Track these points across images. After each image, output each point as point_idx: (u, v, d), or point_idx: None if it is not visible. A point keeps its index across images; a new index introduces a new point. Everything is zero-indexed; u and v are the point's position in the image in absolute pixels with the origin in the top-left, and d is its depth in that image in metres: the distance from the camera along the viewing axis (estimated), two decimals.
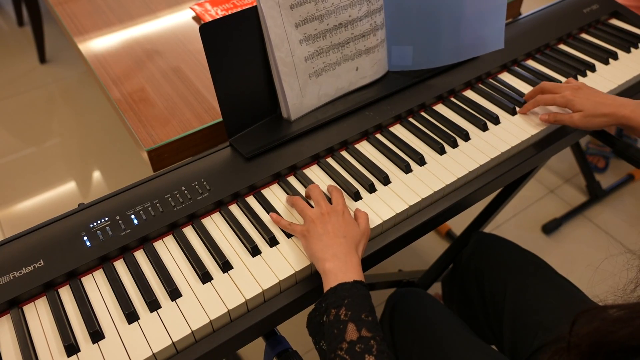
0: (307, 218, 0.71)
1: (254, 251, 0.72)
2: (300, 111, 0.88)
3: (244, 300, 0.66)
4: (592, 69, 1.05)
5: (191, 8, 1.18)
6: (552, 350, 0.51)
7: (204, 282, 0.69)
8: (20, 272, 0.67)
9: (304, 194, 0.79)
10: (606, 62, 1.07)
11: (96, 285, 0.69)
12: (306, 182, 0.81)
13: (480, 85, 1.00)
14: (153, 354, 0.62)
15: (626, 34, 1.14)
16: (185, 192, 0.77)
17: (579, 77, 1.03)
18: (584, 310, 0.48)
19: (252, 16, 0.78)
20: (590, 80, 1.02)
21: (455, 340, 0.85)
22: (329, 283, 0.63)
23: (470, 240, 1.05)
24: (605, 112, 0.82)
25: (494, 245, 1.00)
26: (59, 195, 1.87)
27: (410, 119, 0.92)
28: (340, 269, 0.64)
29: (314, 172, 0.83)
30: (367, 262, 0.76)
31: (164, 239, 0.74)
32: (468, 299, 1.01)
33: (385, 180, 0.81)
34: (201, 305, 0.66)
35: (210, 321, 0.65)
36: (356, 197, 0.78)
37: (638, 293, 0.53)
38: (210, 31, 0.76)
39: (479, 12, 0.95)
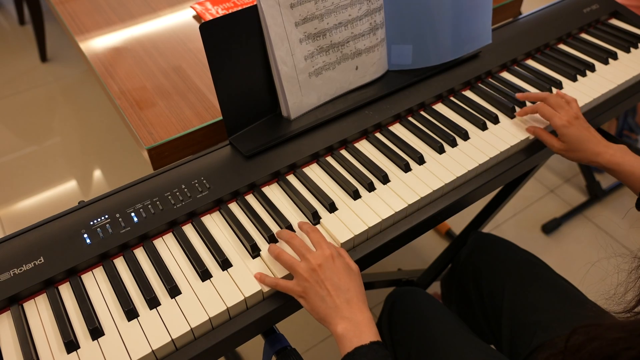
0: (298, 276, 0.66)
1: (254, 249, 0.72)
2: (300, 110, 0.88)
3: (243, 297, 0.67)
4: (592, 68, 1.05)
5: (192, 7, 1.18)
6: (545, 356, 0.51)
7: (203, 280, 0.69)
8: (21, 269, 0.68)
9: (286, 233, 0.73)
10: (606, 62, 1.07)
11: (96, 282, 0.69)
12: (305, 181, 0.81)
13: (480, 84, 1.00)
14: (152, 351, 0.62)
15: (626, 34, 1.14)
16: (185, 190, 0.77)
17: (579, 77, 1.03)
18: (581, 325, 0.48)
19: (252, 15, 0.79)
20: (590, 80, 1.03)
21: (453, 339, 0.85)
22: (344, 348, 0.62)
23: (469, 240, 1.05)
24: (586, 154, 0.83)
25: (492, 245, 1.00)
26: (59, 193, 1.88)
27: (410, 118, 0.93)
28: (355, 332, 0.62)
29: (314, 171, 0.83)
30: (366, 261, 0.76)
31: (163, 236, 0.74)
32: (466, 298, 1.01)
33: (385, 179, 0.81)
34: (200, 302, 0.66)
35: (210, 318, 0.65)
36: (355, 195, 0.79)
37: (629, 297, 0.53)
38: (210, 30, 0.76)
39: (471, 8, 0.95)
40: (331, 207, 0.77)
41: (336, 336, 0.63)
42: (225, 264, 0.70)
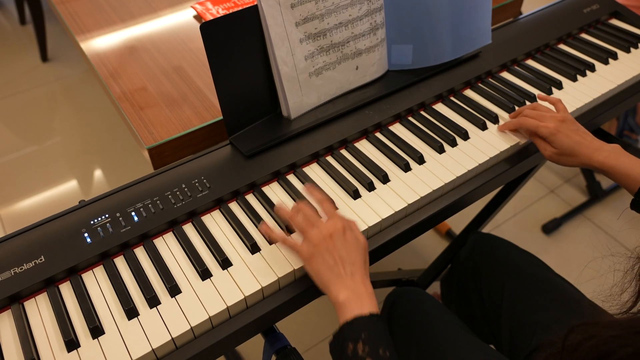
0: (308, 240, 0.67)
1: (254, 248, 0.72)
2: (300, 110, 0.88)
3: (243, 297, 0.67)
4: (592, 68, 1.05)
5: (192, 7, 1.19)
6: (544, 356, 0.51)
7: (203, 279, 0.69)
8: (21, 268, 0.68)
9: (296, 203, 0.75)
10: (606, 62, 1.07)
11: (96, 281, 0.69)
12: (306, 180, 0.81)
13: (480, 84, 1.00)
14: (152, 349, 0.62)
15: (626, 34, 1.15)
16: (186, 189, 0.77)
17: (579, 77, 1.03)
18: (578, 323, 0.48)
19: (252, 15, 0.79)
20: (590, 80, 1.03)
21: (453, 339, 0.85)
22: (344, 315, 0.63)
23: (468, 240, 1.05)
24: (580, 158, 0.80)
25: (492, 245, 1.00)
26: (60, 193, 1.88)
27: (410, 118, 0.93)
28: (356, 302, 0.63)
29: (314, 171, 0.84)
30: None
31: (164, 235, 0.74)
32: (466, 298, 1.01)
33: (385, 179, 0.81)
34: (200, 301, 0.66)
35: (210, 317, 0.65)
36: (355, 195, 0.79)
37: (625, 298, 0.53)
38: (211, 30, 0.76)
39: (470, 8, 0.96)
40: None
41: (337, 304, 0.64)
42: (225, 263, 0.70)
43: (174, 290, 0.67)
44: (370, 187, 0.80)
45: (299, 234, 0.69)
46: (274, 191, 0.80)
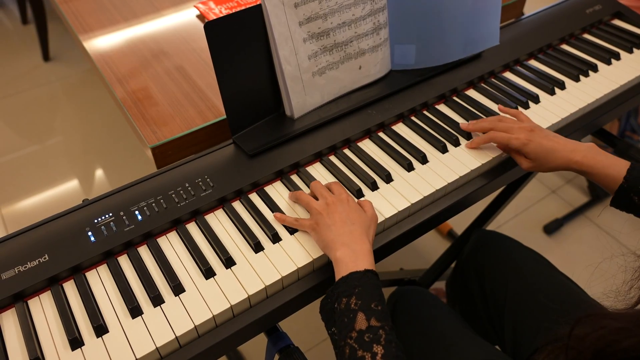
0: (313, 211, 0.72)
1: (257, 247, 0.72)
2: (304, 109, 0.88)
3: (246, 295, 0.67)
4: (595, 69, 1.05)
5: (195, 6, 1.19)
6: (549, 349, 0.51)
7: (207, 278, 0.69)
8: (25, 267, 0.68)
9: (308, 192, 0.79)
10: (608, 63, 1.07)
11: (100, 280, 0.69)
12: (309, 179, 0.81)
13: (482, 84, 1.01)
14: (156, 348, 0.62)
15: (628, 34, 1.15)
16: (189, 188, 0.78)
17: (582, 77, 1.03)
18: (585, 315, 0.48)
19: (256, 14, 0.79)
20: (592, 80, 1.03)
21: (456, 339, 0.85)
22: (340, 272, 0.65)
23: (471, 237, 1.05)
24: (557, 162, 0.79)
25: (495, 242, 1.00)
26: (61, 192, 1.88)
27: (413, 118, 0.93)
28: (351, 257, 0.65)
29: (317, 170, 0.84)
30: None
31: (167, 234, 0.75)
32: (469, 296, 1.01)
33: (388, 178, 0.81)
34: (204, 300, 0.67)
35: (213, 316, 0.65)
36: (358, 194, 0.79)
37: (632, 294, 0.53)
38: (214, 29, 0.76)
39: (477, 9, 0.96)
40: None
41: (334, 260, 0.66)
42: (228, 262, 0.70)
43: (177, 289, 0.68)
44: (374, 187, 0.80)
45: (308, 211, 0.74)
46: (277, 190, 0.80)
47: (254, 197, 0.79)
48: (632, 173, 0.74)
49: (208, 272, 0.69)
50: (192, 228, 0.75)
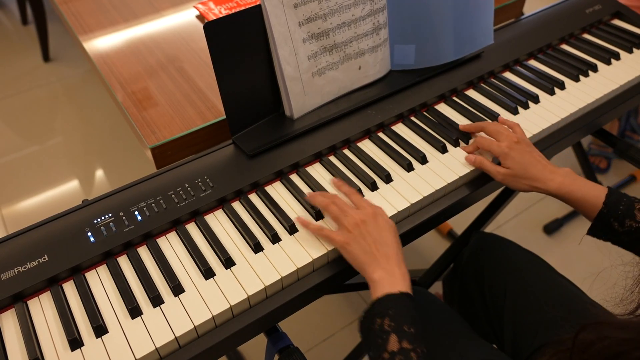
0: (343, 228, 0.71)
1: (257, 248, 0.72)
2: (303, 109, 0.88)
3: (246, 296, 0.67)
4: (594, 69, 1.05)
5: (195, 7, 1.19)
6: (552, 352, 0.51)
7: (206, 278, 0.69)
8: (25, 267, 0.68)
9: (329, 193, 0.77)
10: (608, 63, 1.07)
11: (100, 280, 0.69)
12: (309, 180, 0.81)
13: (482, 84, 1.01)
14: (156, 348, 0.62)
15: (628, 34, 1.15)
16: (189, 189, 0.78)
17: (581, 77, 1.03)
18: (590, 322, 0.48)
19: (255, 15, 0.79)
20: (592, 80, 1.03)
21: (455, 339, 0.85)
22: (376, 293, 0.65)
23: (471, 240, 1.05)
24: (533, 180, 0.78)
25: (494, 245, 1.00)
26: (62, 192, 1.88)
27: (413, 118, 0.93)
28: (389, 281, 0.65)
29: (317, 170, 0.84)
30: None
31: (167, 235, 0.74)
32: (468, 298, 1.01)
33: (387, 179, 0.81)
34: (204, 300, 0.66)
35: (213, 317, 0.65)
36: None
37: (633, 297, 0.53)
38: (214, 29, 0.76)
39: (472, 9, 0.96)
40: None
41: (371, 282, 0.67)
42: (228, 262, 0.70)
43: (177, 289, 0.68)
44: (373, 187, 0.80)
45: (332, 221, 0.73)
46: (277, 191, 0.80)
47: (254, 198, 0.79)
48: (610, 198, 0.73)
49: (207, 273, 0.69)
50: (192, 228, 0.75)
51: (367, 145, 0.88)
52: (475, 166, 0.83)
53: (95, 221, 0.73)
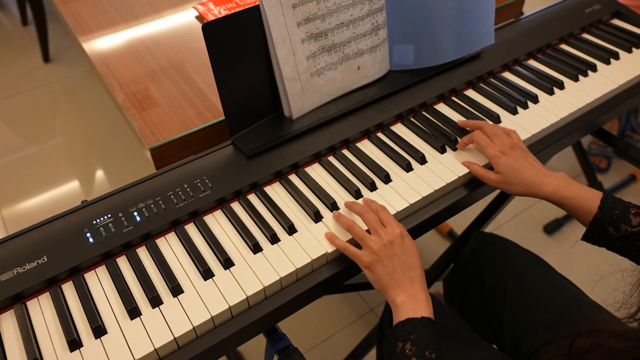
0: (368, 248, 0.70)
1: (256, 248, 0.72)
2: (302, 110, 0.88)
3: (245, 296, 0.67)
4: (594, 68, 1.05)
5: (194, 7, 1.19)
6: (550, 357, 0.51)
7: (205, 279, 0.69)
8: (24, 268, 0.68)
9: (352, 207, 0.76)
10: (607, 62, 1.07)
11: (99, 281, 0.69)
12: (308, 180, 0.81)
13: (481, 84, 1.00)
14: (155, 349, 0.62)
15: (628, 34, 1.14)
16: (188, 189, 0.78)
17: (581, 77, 1.03)
18: (588, 329, 0.48)
19: (254, 15, 0.79)
20: (591, 80, 1.03)
21: (455, 339, 0.85)
22: (398, 316, 0.66)
23: (470, 240, 1.05)
24: (527, 185, 0.77)
25: (494, 245, 1.00)
26: (61, 193, 1.88)
27: (412, 118, 0.93)
28: (412, 306, 0.66)
29: (316, 171, 0.84)
30: None
31: (166, 235, 0.75)
32: (468, 298, 1.01)
33: (387, 179, 0.81)
34: (203, 301, 0.67)
35: (212, 317, 0.65)
36: (357, 195, 0.79)
37: (633, 301, 0.53)
38: (213, 30, 0.76)
39: (473, 8, 0.96)
40: (333, 207, 0.77)
41: (393, 305, 0.67)
42: (227, 263, 0.70)
43: (176, 290, 0.68)
44: (372, 187, 0.80)
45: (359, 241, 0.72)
46: (276, 191, 0.80)
47: (253, 198, 0.79)
48: (605, 202, 0.73)
49: (206, 273, 0.69)
50: (191, 229, 0.75)
51: (366, 146, 0.88)
52: (470, 171, 0.83)
53: (94, 222, 0.73)
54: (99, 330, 0.64)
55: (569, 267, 1.53)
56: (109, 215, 0.74)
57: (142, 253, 0.72)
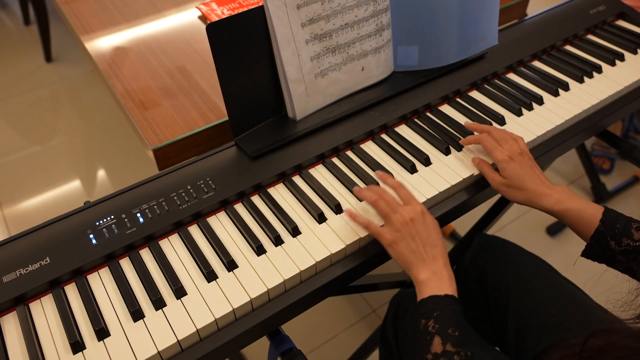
0: (391, 226, 0.70)
1: (259, 250, 0.72)
2: (306, 111, 0.88)
3: (248, 299, 0.67)
4: (599, 70, 1.04)
5: (197, 7, 1.18)
6: (559, 357, 0.50)
7: (209, 281, 0.69)
8: (27, 270, 0.68)
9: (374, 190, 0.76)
10: (612, 64, 1.06)
11: (102, 283, 0.69)
12: (311, 182, 0.81)
13: (485, 85, 1.00)
14: (158, 352, 0.62)
15: (633, 35, 1.14)
16: (191, 190, 0.77)
17: (585, 79, 1.02)
18: (601, 328, 0.48)
19: (258, 16, 0.79)
20: (596, 81, 1.02)
21: None
22: (422, 293, 0.66)
23: (473, 242, 1.05)
24: (528, 194, 0.76)
25: (497, 247, 1.00)
26: (64, 193, 1.88)
27: (416, 119, 0.92)
28: (435, 283, 0.66)
29: (319, 172, 0.83)
30: (373, 263, 0.76)
31: (169, 237, 0.74)
32: (471, 300, 1.01)
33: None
34: (206, 303, 0.66)
35: (215, 320, 0.65)
36: None
37: (639, 302, 0.53)
38: (217, 30, 0.76)
39: (477, 9, 0.95)
40: (337, 209, 0.77)
41: (417, 282, 0.68)
42: (231, 265, 0.70)
43: (179, 292, 0.67)
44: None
45: (381, 218, 0.73)
46: (280, 192, 0.80)
47: (256, 199, 0.79)
48: (607, 216, 0.72)
49: (210, 275, 0.69)
50: (194, 230, 0.75)
51: (370, 147, 0.88)
52: (475, 166, 0.82)
53: (97, 223, 0.73)
54: (101, 332, 0.63)
55: (572, 269, 1.52)
56: (112, 217, 0.74)
57: (145, 255, 0.72)
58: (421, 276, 0.67)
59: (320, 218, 0.75)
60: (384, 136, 0.89)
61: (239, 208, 0.78)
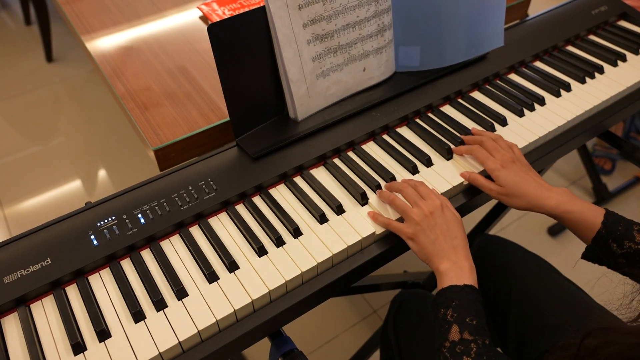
0: (410, 220, 0.72)
1: (261, 251, 0.71)
2: (307, 111, 0.88)
3: (250, 300, 0.66)
4: (600, 70, 1.04)
5: (198, 8, 1.18)
6: (556, 357, 0.50)
7: (210, 282, 0.69)
8: (28, 270, 0.67)
9: (393, 190, 0.78)
10: (614, 64, 1.06)
11: (103, 284, 0.69)
12: (313, 182, 0.80)
13: (487, 86, 1.00)
14: (159, 353, 0.62)
15: (635, 35, 1.14)
16: (192, 191, 0.77)
17: (587, 79, 1.02)
18: (598, 327, 0.48)
19: (260, 16, 0.78)
20: (598, 82, 1.02)
21: None
22: (442, 283, 0.67)
23: (475, 242, 1.05)
24: (528, 198, 0.75)
25: (498, 247, 1.00)
26: (65, 193, 1.88)
27: (417, 120, 0.92)
28: (456, 273, 0.67)
29: (321, 173, 0.83)
30: (374, 263, 0.76)
31: (170, 238, 0.74)
32: None
33: (392, 181, 0.81)
34: (207, 305, 0.66)
35: (217, 321, 0.65)
36: (363, 198, 0.78)
37: (635, 306, 0.53)
38: (218, 31, 0.76)
39: (482, 10, 0.95)
40: (339, 209, 0.77)
41: (438, 273, 0.69)
42: (232, 266, 0.70)
43: (180, 293, 0.67)
44: (378, 189, 0.79)
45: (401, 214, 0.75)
46: (281, 193, 0.80)
47: (258, 200, 0.79)
48: (608, 219, 0.72)
49: (211, 276, 0.69)
50: (196, 232, 0.75)
51: (371, 148, 0.87)
52: (469, 182, 0.82)
53: (98, 224, 0.73)
54: (103, 333, 0.63)
55: (573, 269, 1.52)
56: (113, 218, 0.74)
57: (147, 256, 0.72)
58: (442, 267, 0.68)
59: (322, 219, 0.75)
60: (386, 137, 0.89)
61: (240, 209, 0.78)
